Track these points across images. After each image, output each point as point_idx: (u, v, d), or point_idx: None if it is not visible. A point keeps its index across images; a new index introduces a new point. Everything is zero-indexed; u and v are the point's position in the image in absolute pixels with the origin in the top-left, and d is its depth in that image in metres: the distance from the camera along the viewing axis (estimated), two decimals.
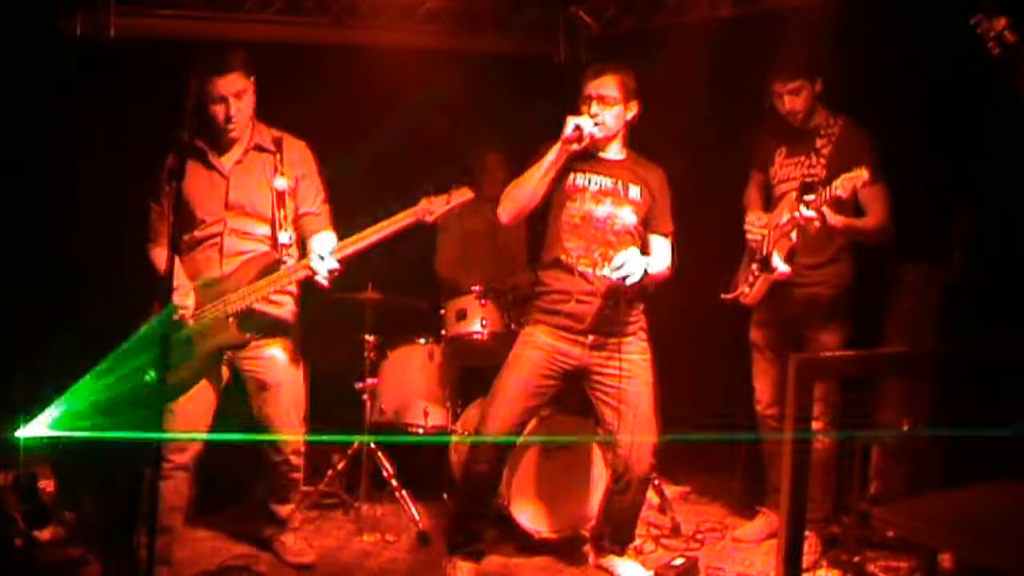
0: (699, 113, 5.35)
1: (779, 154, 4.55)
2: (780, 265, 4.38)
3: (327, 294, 4.36)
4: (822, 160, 4.33)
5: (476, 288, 5.10)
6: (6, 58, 4.63)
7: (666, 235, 4.24)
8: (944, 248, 4.63)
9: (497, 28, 6.15)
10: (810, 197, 4.18)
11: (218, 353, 4.08)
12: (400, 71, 5.59)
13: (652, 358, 4.26)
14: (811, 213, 4.16)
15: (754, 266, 4.55)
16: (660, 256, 4.19)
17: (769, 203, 4.60)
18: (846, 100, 4.51)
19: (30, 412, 4.50)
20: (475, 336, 5.04)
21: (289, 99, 4.29)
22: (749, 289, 4.57)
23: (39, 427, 4.37)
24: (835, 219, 4.16)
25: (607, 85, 4.09)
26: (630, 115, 4.17)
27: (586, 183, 4.14)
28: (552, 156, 4.04)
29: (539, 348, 4.16)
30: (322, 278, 4.01)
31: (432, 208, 4.00)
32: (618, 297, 4.08)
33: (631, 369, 4.15)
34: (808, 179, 4.32)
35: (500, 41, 6.17)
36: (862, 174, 3.98)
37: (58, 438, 4.28)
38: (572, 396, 4.54)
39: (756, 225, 4.52)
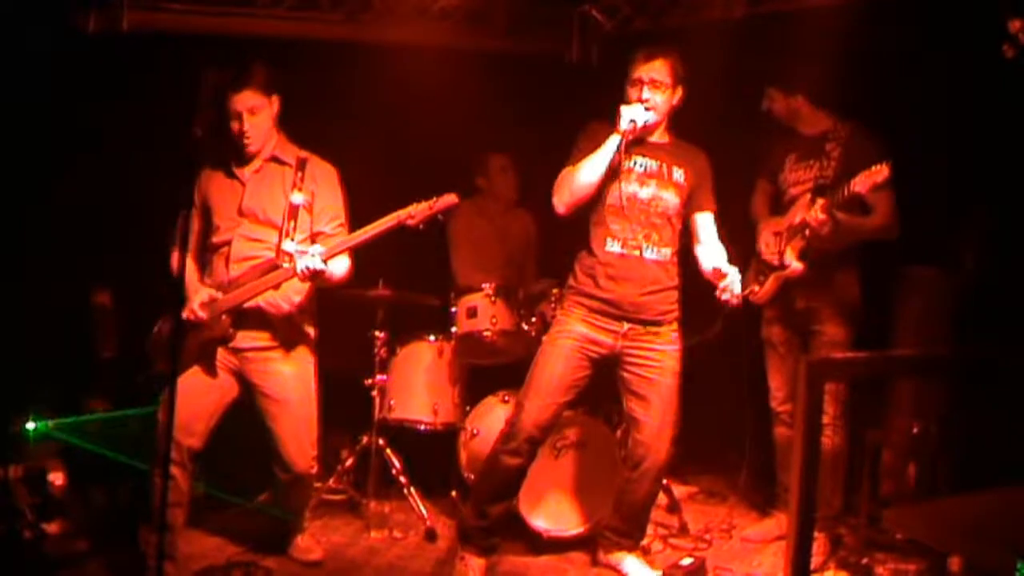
0: (712, 113, 5.34)
1: (789, 160, 4.60)
2: (793, 263, 4.42)
3: (338, 290, 4.37)
4: (833, 163, 4.39)
5: (487, 286, 5.10)
6: (20, 54, 4.64)
7: (711, 211, 4.26)
8: (956, 251, 4.63)
9: (509, 26, 6.14)
10: (821, 201, 4.22)
11: (209, 349, 4.07)
12: (411, 69, 5.59)
13: (681, 348, 4.27)
14: (823, 216, 4.19)
15: (764, 265, 4.57)
16: (711, 235, 4.23)
17: (778, 209, 4.63)
18: (860, 102, 4.51)
19: (39, 407, 4.53)
20: (485, 334, 5.03)
21: (300, 95, 4.28)
22: (759, 288, 4.60)
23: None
24: (844, 218, 4.23)
25: (658, 69, 4.09)
26: (676, 99, 4.19)
27: (632, 165, 4.13)
28: (611, 147, 4.03)
29: (572, 338, 4.16)
30: (291, 267, 3.97)
31: (414, 212, 3.99)
32: (658, 283, 4.14)
33: (662, 360, 4.18)
34: (821, 181, 4.35)
35: (512, 40, 6.16)
36: (883, 170, 4.01)
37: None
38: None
39: (771, 247, 4.57)
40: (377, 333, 5.09)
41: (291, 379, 4.19)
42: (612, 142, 4.03)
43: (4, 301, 4.58)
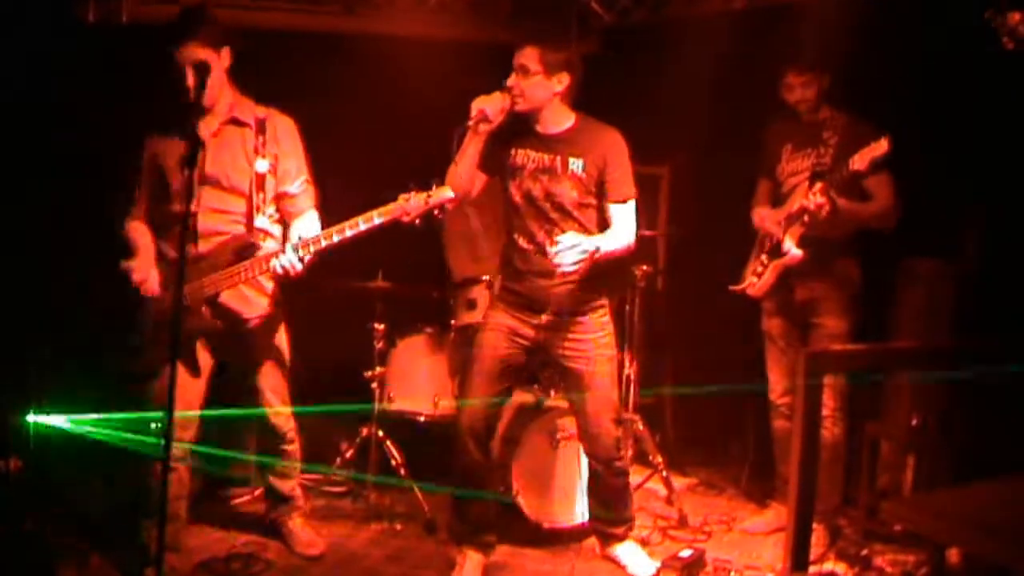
0: (711, 105, 5.34)
1: (786, 151, 4.58)
2: (792, 249, 4.40)
3: (338, 282, 4.36)
4: (830, 150, 4.37)
5: (486, 278, 5.10)
6: (19, 45, 4.64)
7: (624, 201, 4.01)
8: (957, 242, 4.63)
9: (508, 18, 6.13)
10: (820, 184, 4.21)
11: (191, 341, 4.03)
12: (410, 61, 5.58)
13: (614, 332, 4.23)
14: (821, 199, 4.18)
15: (763, 257, 4.57)
16: (620, 227, 3.99)
17: (777, 203, 4.61)
18: (858, 93, 4.50)
19: (41, 398, 4.53)
20: None
21: (297, 86, 4.28)
22: (757, 280, 4.59)
23: (49, 417, 4.40)
24: (843, 203, 4.21)
25: (527, 56, 3.96)
26: (559, 87, 3.99)
27: (525, 161, 4.06)
28: (468, 141, 3.98)
29: (494, 329, 4.16)
30: (279, 267, 3.88)
31: (409, 208, 3.86)
32: (567, 277, 3.99)
33: (587, 350, 4.12)
34: (819, 168, 4.34)
35: (511, 31, 6.15)
36: (882, 144, 3.99)
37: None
38: None
39: (770, 219, 4.54)
40: (376, 325, 5.10)
41: (261, 342, 4.20)
42: (469, 135, 3.97)
43: (4, 293, 4.59)
